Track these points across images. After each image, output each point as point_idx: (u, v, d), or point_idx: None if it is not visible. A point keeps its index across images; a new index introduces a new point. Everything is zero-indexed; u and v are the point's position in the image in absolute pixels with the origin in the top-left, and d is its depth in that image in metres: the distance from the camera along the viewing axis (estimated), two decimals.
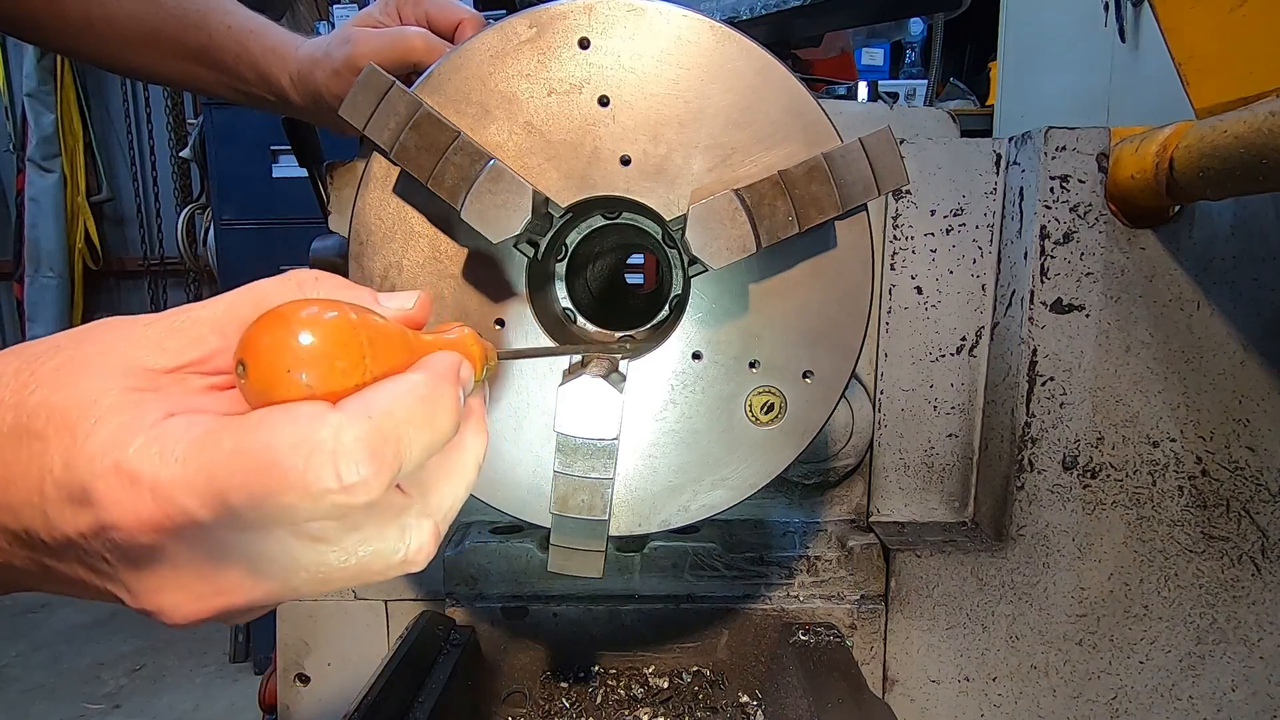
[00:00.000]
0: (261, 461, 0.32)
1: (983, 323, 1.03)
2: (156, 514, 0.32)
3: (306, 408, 0.33)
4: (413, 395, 0.35)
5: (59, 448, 0.33)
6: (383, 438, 0.33)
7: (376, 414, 0.34)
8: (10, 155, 4.14)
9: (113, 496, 0.32)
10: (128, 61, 1.01)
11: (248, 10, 0.99)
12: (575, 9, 0.64)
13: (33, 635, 3.76)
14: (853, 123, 0.75)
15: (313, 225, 1.10)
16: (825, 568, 0.99)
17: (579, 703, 0.96)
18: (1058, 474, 0.97)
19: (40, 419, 0.34)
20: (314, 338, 0.33)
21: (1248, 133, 0.67)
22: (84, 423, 0.33)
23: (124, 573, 0.34)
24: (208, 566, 0.34)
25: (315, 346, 0.33)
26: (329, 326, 0.34)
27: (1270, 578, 0.98)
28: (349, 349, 0.34)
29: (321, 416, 0.33)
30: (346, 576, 0.36)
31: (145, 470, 0.32)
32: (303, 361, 0.33)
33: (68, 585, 0.37)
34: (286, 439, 0.32)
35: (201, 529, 0.33)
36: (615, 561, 0.99)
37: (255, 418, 0.33)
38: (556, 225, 0.72)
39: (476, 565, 1.00)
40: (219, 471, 0.32)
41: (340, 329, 0.34)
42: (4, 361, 0.36)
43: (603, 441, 0.63)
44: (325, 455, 0.32)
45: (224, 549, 0.34)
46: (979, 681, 1.00)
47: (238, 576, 0.35)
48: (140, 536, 0.33)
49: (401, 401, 0.35)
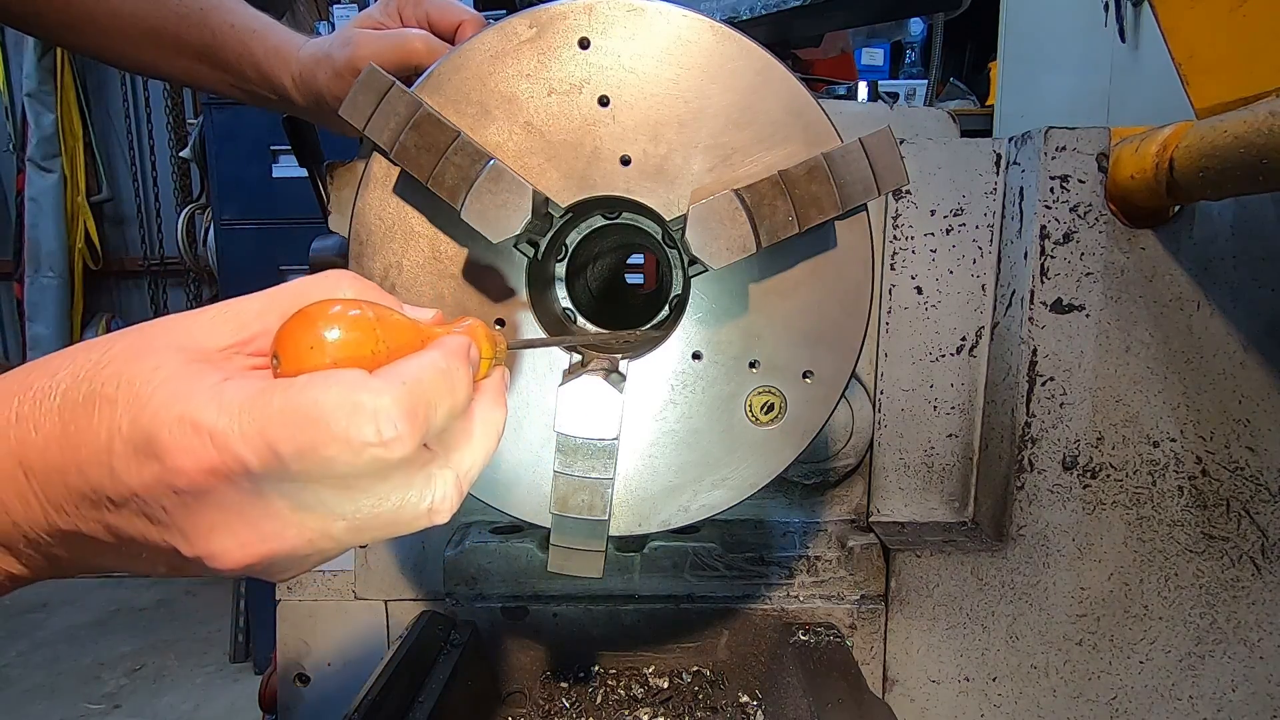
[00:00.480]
0: (309, 417, 0.36)
1: (983, 323, 1.03)
2: (214, 460, 0.36)
3: (349, 373, 0.37)
4: (434, 368, 0.40)
5: (127, 408, 0.37)
6: (414, 401, 0.38)
7: (409, 381, 0.39)
8: (10, 155, 4.14)
9: (177, 444, 0.36)
10: (130, 58, 1.01)
11: (251, 9, 0.99)
12: (575, 9, 0.64)
13: (33, 635, 3.76)
14: (853, 123, 0.75)
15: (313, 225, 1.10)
16: (825, 568, 0.99)
17: (579, 703, 0.96)
18: (1058, 474, 0.97)
19: (111, 386, 0.38)
20: (332, 327, 0.39)
21: (1248, 133, 0.67)
22: (149, 385, 0.37)
23: (180, 519, 0.38)
24: (255, 513, 0.38)
25: (333, 336, 0.39)
26: (344, 320, 0.39)
27: (1270, 578, 0.98)
28: (363, 336, 0.40)
29: (363, 381, 0.37)
30: (379, 525, 0.40)
31: (205, 420, 0.36)
32: (323, 349, 0.38)
33: (128, 546, 0.40)
34: (332, 399, 0.36)
35: (252, 477, 0.37)
36: (615, 561, 0.99)
37: (303, 381, 0.37)
38: (556, 225, 0.72)
39: (476, 565, 1.00)
40: (270, 424, 0.36)
41: (357, 320, 0.40)
42: (77, 349, 0.41)
43: (603, 441, 0.63)
44: (367, 414, 0.37)
45: (270, 497, 0.38)
46: (979, 681, 1.00)
47: (281, 524, 0.38)
48: (199, 481, 0.36)
49: (426, 372, 0.40)
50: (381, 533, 0.41)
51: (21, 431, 0.39)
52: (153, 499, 0.38)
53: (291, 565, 0.41)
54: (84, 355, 0.40)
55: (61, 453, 0.38)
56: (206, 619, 3.90)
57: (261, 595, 3.29)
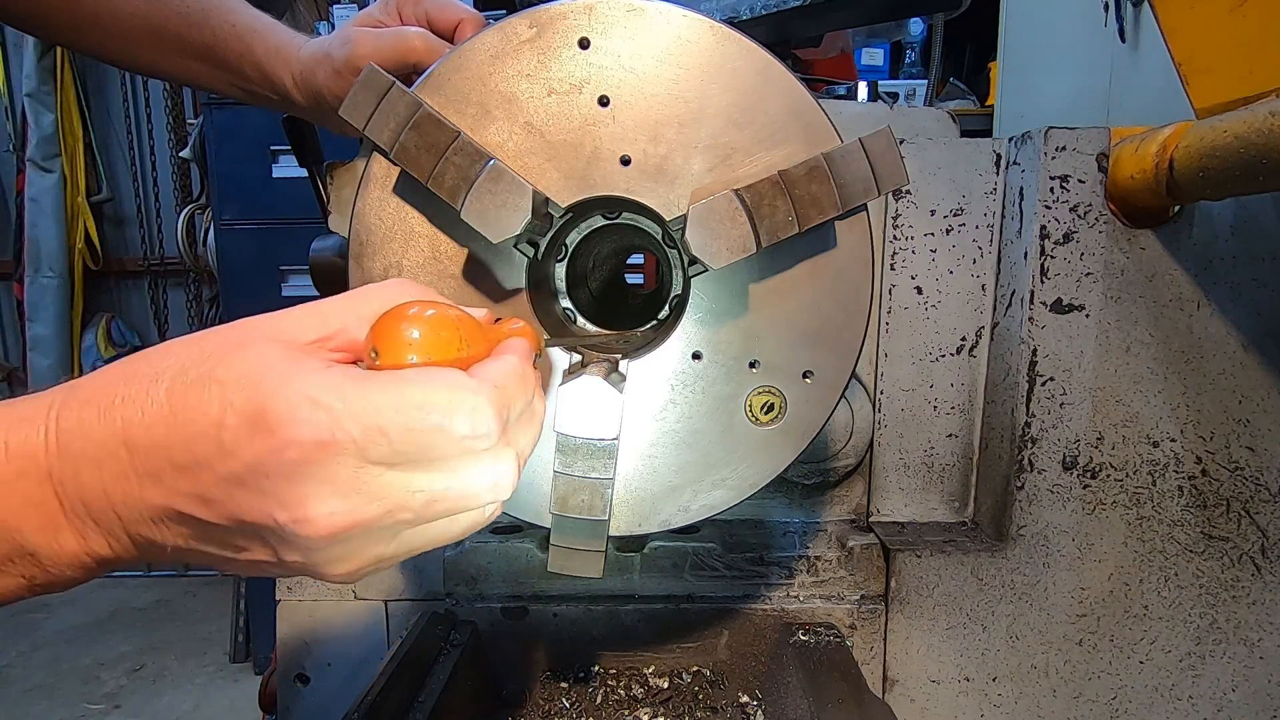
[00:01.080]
0: (417, 407, 0.41)
1: (983, 323, 1.03)
2: (326, 435, 0.40)
3: (451, 373, 0.43)
4: (515, 372, 0.46)
5: (240, 388, 0.41)
6: (501, 401, 0.44)
7: (499, 383, 0.45)
8: (10, 155, 4.14)
9: (294, 417, 0.40)
10: (131, 57, 1.02)
11: (252, 9, 0.99)
12: (575, 9, 0.64)
13: (33, 635, 3.76)
14: (853, 123, 0.75)
15: (313, 225, 1.10)
16: (825, 568, 0.99)
17: (579, 703, 0.96)
18: (1058, 474, 0.97)
19: (221, 370, 0.42)
20: (425, 328, 0.44)
21: (1248, 133, 0.67)
22: (259, 369, 0.41)
23: (280, 487, 0.41)
24: (347, 485, 0.41)
25: (427, 334, 0.44)
26: (435, 320, 0.45)
27: (1270, 578, 0.98)
28: (452, 337, 0.45)
29: (463, 381, 0.43)
30: (452, 499, 0.44)
31: (322, 398, 0.40)
32: (417, 346, 0.43)
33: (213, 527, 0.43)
34: (439, 395, 0.42)
35: (353, 453, 0.41)
36: (615, 561, 0.99)
37: (411, 374, 0.42)
38: (556, 225, 0.72)
39: (476, 565, 1.00)
40: (380, 409, 0.41)
41: (444, 320, 0.45)
42: (173, 344, 0.45)
43: (603, 441, 0.63)
44: (466, 410, 0.42)
45: (362, 471, 0.41)
46: (979, 681, 1.00)
47: (367, 497, 0.42)
48: (308, 452, 0.40)
49: (510, 376, 0.46)
50: (452, 507, 0.45)
51: (128, 412, 0.42)
52: (258, 468, 0.40)
53: (372, 536, 0.44)
54: (183, 348, 0.44)
55: (169, 430, 0.41)
56: (206, 619, 3.90)
57: (262, 595, 3.28)
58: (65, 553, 0.44)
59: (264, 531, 0.42)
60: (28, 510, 0.42)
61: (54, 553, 0.43)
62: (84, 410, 0.43)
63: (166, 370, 0.43)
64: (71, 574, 0.45)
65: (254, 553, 0.44)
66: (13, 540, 0.42)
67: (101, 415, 0.42)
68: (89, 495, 0.42)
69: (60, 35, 1.01)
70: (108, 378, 0.44)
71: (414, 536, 0.45)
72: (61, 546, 0.43)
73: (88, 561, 0.44)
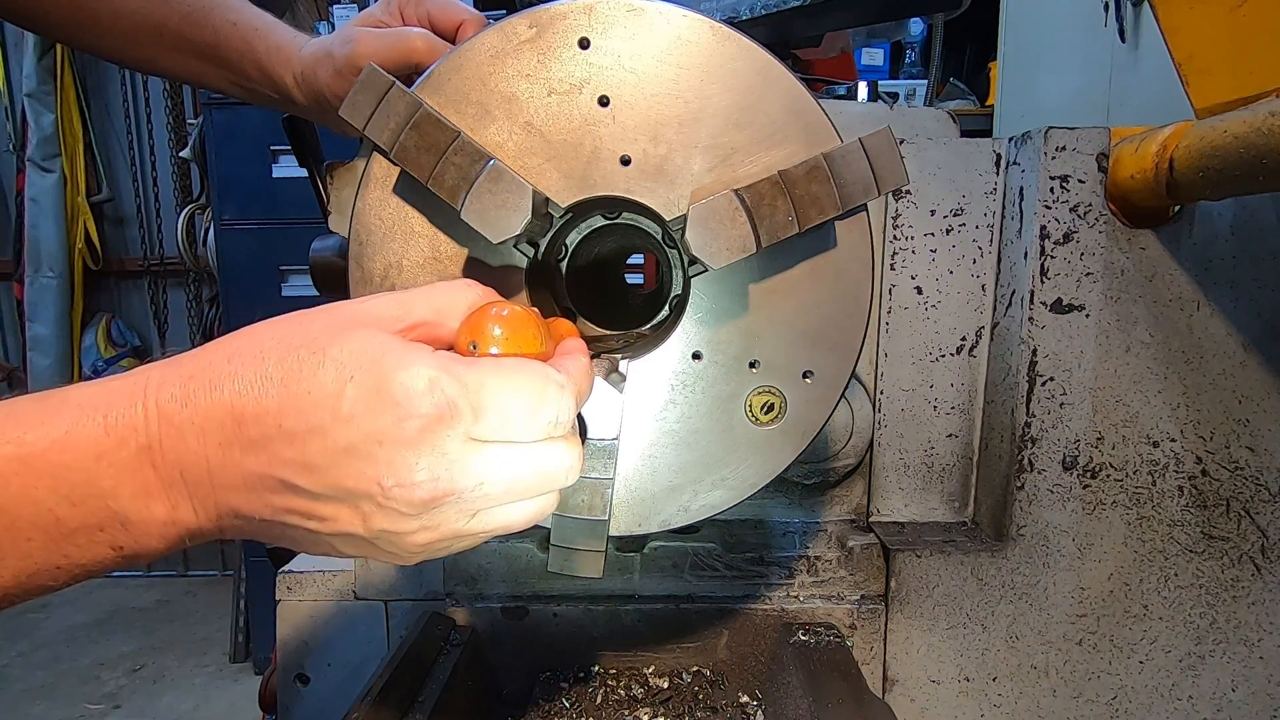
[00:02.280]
0: (521, 391, 0.48)
1: (983, 323, 1.03)
2: (445, 409, 0.45)
3: (543, 366, 0.49)
4: (584, 369, 0.54)
5: (359, 364, 0.45)
6: (577, 394, 0.51)
7: (576, 379, 0.51)
8: (10, 155, 4.14)
9: (419, 392, 0.45)
10: (133, 55, 1.02)
11: (253, 8, 0.99)
12: (575, 9, 0.64)
13: (33, 635, 3.76)
14: (853, 123, 0.75)
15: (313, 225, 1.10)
16: (825, 568, 0.99)
17: (579, 703, 0.96)
18: (1058, 474, 0.97)
19: (334, 349, 0.46)
20: (513, 324, 0.51)
21: (1248, 133, 0.67)
22: (379, 348, 0.46)
23: (395, 454, 0.45)
24: (453, 456, 0.46)
25: (515, 331, 0.51)
26: (520, 318, 0.52)
27: (1270, 578, 0.98)
28: (535, 333, 0.52)
29: (554, 375, 0.49)
30: (532, 479, 0.50)
31: (444, 378, 0.46)
32: (507, 341, 0.50)
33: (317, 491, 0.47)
34: (538, 384, 0.48)
35: (465, 427, 0.46)
36: (615, 561, 0.99)
37: (512, 363, 0.49)
38: (556, 225, 0.72)
39: (476, 565, 1.00)
40: (493, 390, 0.47)
41: (528, 319, 0.52)
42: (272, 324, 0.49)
43: (603, 441, 0.63)
44: (553, 400, 0.49)
45: (469, 446, 0.47)
46: (979, 681, 1.00)
47: (466, 470, 0.47)
48: (428, 424, 0.45)
49: (583, 374, 0.53)
50: (531, 486, 0.50)
51: (237, 384, 0.46)
52: (374, 437, 0.45)
53: (450, 516, 0.49)
54: (285, 329, 0.48)
55: (281, 400, 0.45)
56: (206, 619, 3.90)
57: (262, 595, 3.28)
58: (154, 520, 0.47)
59: (361, 498, 0.47)
60: (124, 477, 0.45)
61: (144, 519, 0.47)
62: (189, 384, 0.46)
63: (272, 349, 0.47)
64: (155, 544, 0.48)
65: (340, 522, 0.48)
66: (107, 507, 0.46)
67: (210, 388, 0.46)
68: (187, 462, 0.46)
69: (62, 33, 1.02)
70: (211, 355, 0.48)
71: (490, 517, 0.50)
72: (151, 514, 0.47)
73: (171, 531, 0.48)
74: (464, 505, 0.48)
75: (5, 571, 0.45)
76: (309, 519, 0.48)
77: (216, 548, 4.47)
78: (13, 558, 0.45)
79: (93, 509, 0.45)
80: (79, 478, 0.45)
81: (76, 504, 0.45)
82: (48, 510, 0.45)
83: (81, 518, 0.45)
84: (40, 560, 0.46)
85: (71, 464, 0.45)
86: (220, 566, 4.46)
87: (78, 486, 0.45)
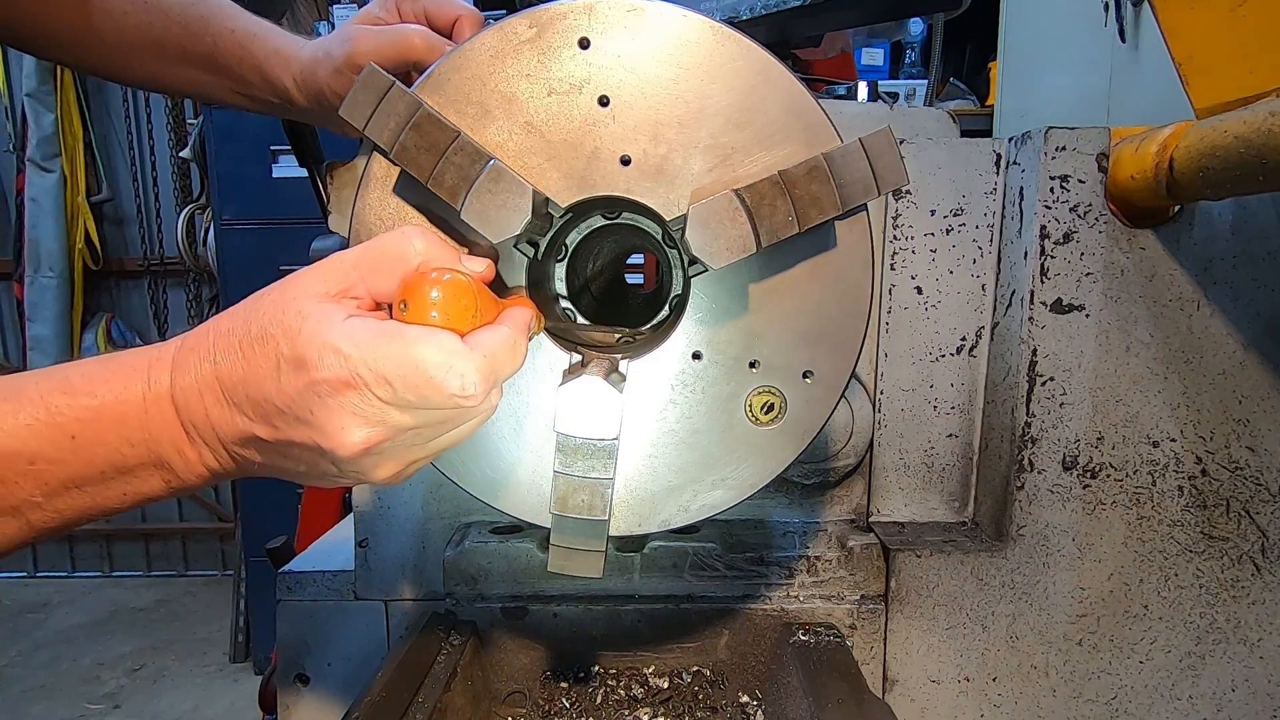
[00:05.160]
0: (416, 365, 0.52)
1: (983, 323, 1.03)
2: (346, 377, 0.52)
3: (448, 338, 0.53)
4: (506, 342, 0.56)
5: (285, 340, 0.54)
6: (490, 368, 0.54)
7: (489, 352, 0.54)
8: (10, 155, 4.14)
9: (323, 361, 0.52)
10: (134, 71, 1.02)
11: (250, 14, 0.99)
12: (575, 9, 0.64)
13: (33, 635, 3.76)
14: (853, 123, 0.75)
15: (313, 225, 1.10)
16: (825, 568, 0.99)
17: (579, 703, 0.96)
18: (1058, 474, 0.97)
19: (272, 327, 0.54)
20: (448, 292, 0.54)
21: (1248, 133, 0.67)
22: (296, 322, 0.54)
23: (321, 416, 0.53)
24: (369, 415, 0.53)
25: (449, 299, 0.54)
26: (456, 285, 0.54)
27: (1270, 578, 0.98)
28: (469, 302, 0.55)
29: (457, 347, 0.53)
30: (450, 435, 0.58)
31: (343, 348, 0.52)
32: (438, 305, 0.53)
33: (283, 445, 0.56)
34: (435, 356, 0.52)
35: (368, 390, 0.52)
36: (615, 561, 0.99)
37: (414, 333, 0.53)
38: (556, 225, 0.72)
39: (476, 565, 1.00)
40: (386, 362, 0.52)
41: (464, 288, 0.55)
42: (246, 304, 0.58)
43: (603, 441, 0.63)
44: (457, 374, 0.52)
45: (376, 406, 0.53)
46: (979, 681, 1.00)
47: (385, 425, 0.54)
48: (337, 389, 0.52)
49: (502, 346, 0.55)
50: (444, 431, 0.57)
51: (218, 357, 0.56)
52: (302, 402, 0.53)
53: (395, 453, 0.57)
54: (249, 308, 0.57)
55: (245, 372, 0.55)
56: (206, 619, 3.91)
57: (262, 595, 3.29)
58: (189, 462, 0.58)
59: (312, 450, 0.55)
60: (164, 428, 0.57)
61: (181, 463, 0.58)
62: (190, 356, 0.57)
63: (238, 327, 0.56)
64: (195, 480, 0.59)
65: (317, 465, 0.57)
66: (156, 451, 0.57)
67: (201, 361, 0.56)
68: (197, 420, 0.56)
69: (65, 53, 1.03)
70: (205, 334, 0.57)
71: (435, 443, 0.58)
72: (185, 458, 0.58)
73: (203, 471, 0.59)
74: (400, 450, 0.56)
75: (84, 497, 0.57)
76: (289, 461, 0.58)
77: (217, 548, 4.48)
78: (91, 484, 0.57)
79: (146, 451, 0.57)
80: (135, 425, 0.56)
81: (135, 445, 0.56)
82: (115, 450, 0.56)
83: (139, 457, 0.57)
84: (112, 488, 0.57)
85: (129, 417, 0.56)
86: (220, 566, 4.46)
87: (135, 431, 0.56)
